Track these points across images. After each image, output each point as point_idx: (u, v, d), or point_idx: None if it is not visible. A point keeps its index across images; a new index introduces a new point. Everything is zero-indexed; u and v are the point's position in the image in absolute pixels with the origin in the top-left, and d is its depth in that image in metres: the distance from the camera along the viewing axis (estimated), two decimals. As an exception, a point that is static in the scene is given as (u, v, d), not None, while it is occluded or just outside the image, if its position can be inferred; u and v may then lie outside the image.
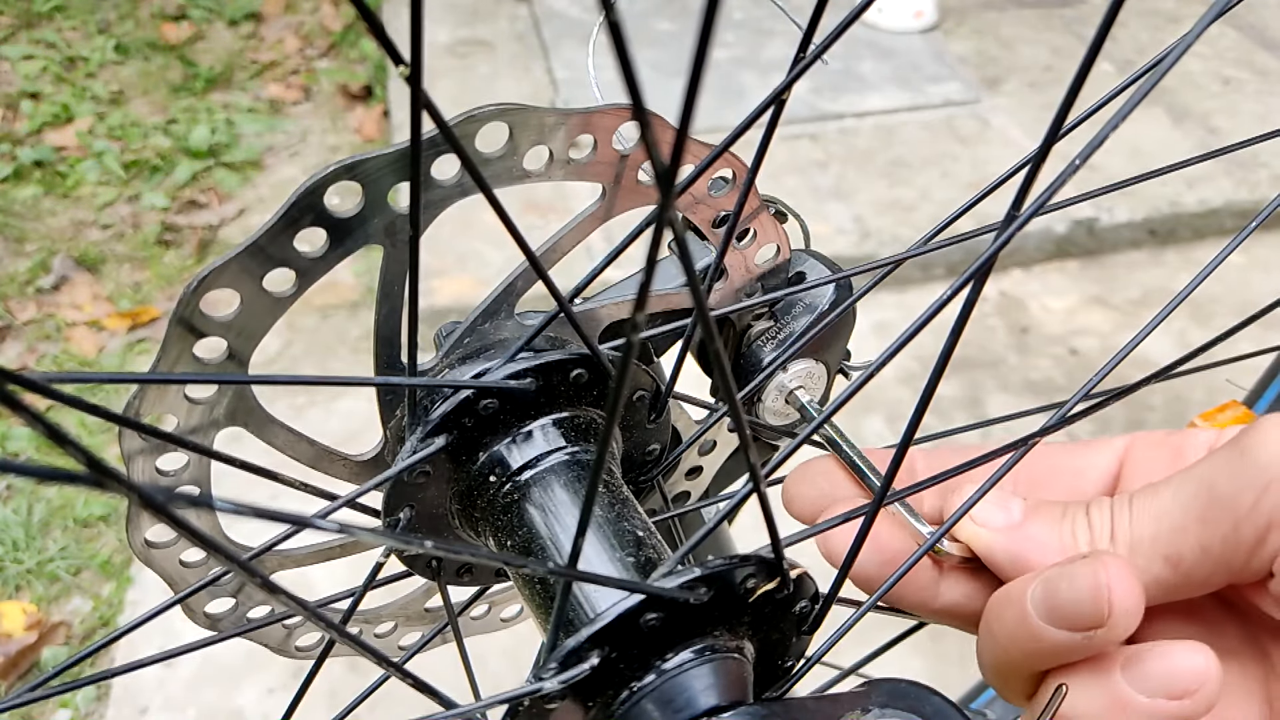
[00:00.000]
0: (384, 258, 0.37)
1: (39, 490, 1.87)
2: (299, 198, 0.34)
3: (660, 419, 0.43)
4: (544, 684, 0.29)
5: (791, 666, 0.36)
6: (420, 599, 0.51)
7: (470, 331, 0.41)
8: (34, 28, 3.08)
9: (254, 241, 0.34)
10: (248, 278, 0.35)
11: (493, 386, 0.37)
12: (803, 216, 0.49)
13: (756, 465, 0.27)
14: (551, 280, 0.34)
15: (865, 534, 0.33)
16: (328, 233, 0.35)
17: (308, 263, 0.35)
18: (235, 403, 0.38)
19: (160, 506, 0.17)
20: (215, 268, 0.34)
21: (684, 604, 0.30)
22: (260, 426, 0.39)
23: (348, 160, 0.34)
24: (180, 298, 0.34)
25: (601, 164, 0.39)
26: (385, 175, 0.35)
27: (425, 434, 0.37)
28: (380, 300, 0.38)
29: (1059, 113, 0.24)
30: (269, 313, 0.36)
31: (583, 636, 0.29)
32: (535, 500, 0.38)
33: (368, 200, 0.35)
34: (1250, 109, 2.75)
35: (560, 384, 0.38)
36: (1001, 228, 0.27)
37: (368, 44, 3.07)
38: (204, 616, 0.43)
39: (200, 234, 2.47)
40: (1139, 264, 2.38)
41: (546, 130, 0.37)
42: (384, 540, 0.20)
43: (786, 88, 0.32)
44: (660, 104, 0.39)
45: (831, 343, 0.48)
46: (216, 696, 1.55)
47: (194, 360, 0.35)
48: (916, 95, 2.80)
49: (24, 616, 1.68)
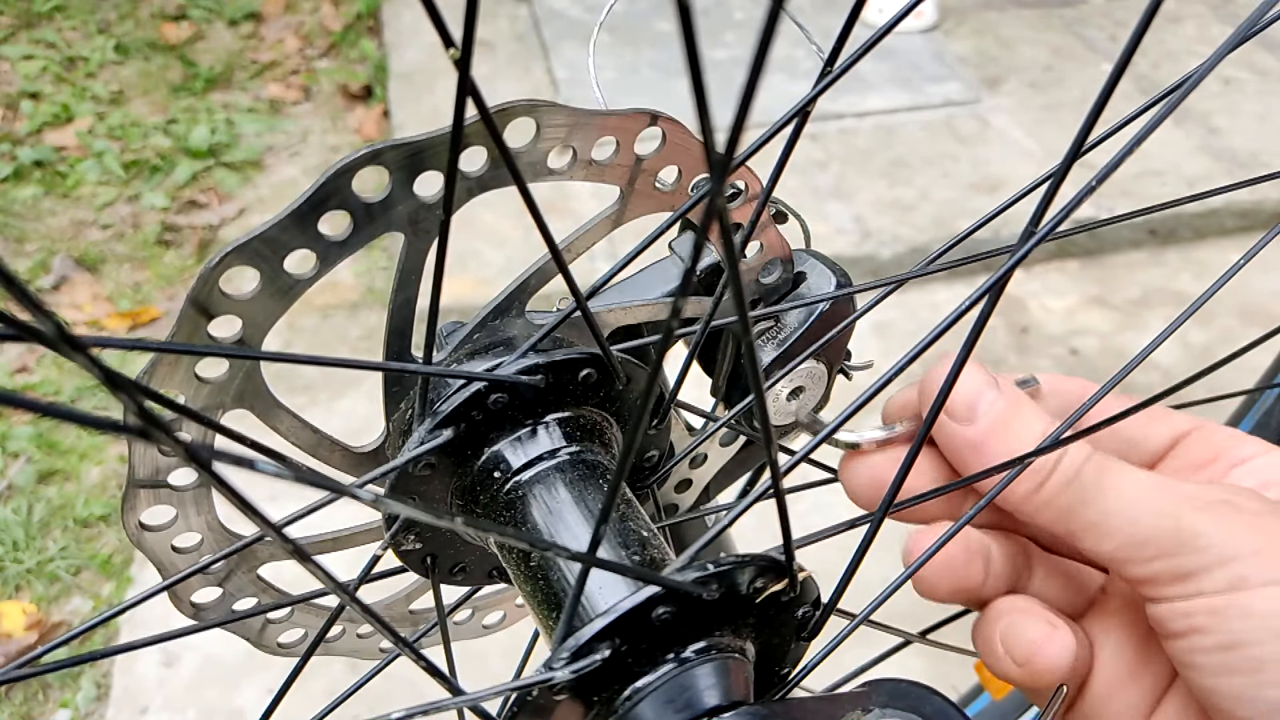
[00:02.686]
0: (404, 247, 0.37)
1: (39, 490, 1.87)
2: (327, 180, 0.34)
3: (662, 425, 0.43)
4: (555, 674, 0.29)
5: (788, 674, 0.36)
6: (404, 601, 0.51)
7: (480, 327, 0.41)
8: (34, 28, 3.08)
9: (279, 220, 0.34)
10: (270, 256, 0.34)
11: (506, 380, 0.37)
12: (803, 216, 0.49)
13: (776, 462, 0.27)
14: (572, 276, 0.34)
15: (869, 542, 0.33)
16: (352, 217, 0.35)
17: (330, 245, 0.35)
18: (244, 384, 0.37)
19: (205, 464, 0.17)
20: (241, 243, 0.34)
21: (695, 599, 0.30)
22: (266, 410, 0.39)
23: (379, 144, 0.34)
24: (200, 274, 0.34)
25: (621, 167, 0.39)
26: (415, 162, 0.35)
27: (435, 425, 0.37)
28: (396, 290, 0.38)
29: (1081, 131, 0.24)
30: (285, 296, 0.36)
31: (597, 627, 0.29)
32: (538, 498, 0.38)
33: (395, 186, 0.35)
34: (1250, 109, 2.75)
35: (569, 383, 0.38)
36: (1018, 244, 0.27)
37: (368, 44, 3.07)
38: (190, 605, 0.42)
39: (200, 234, 2.47)
40: (1139, 264, 2.38)
41: (573, 129, 0.37)
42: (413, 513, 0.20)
43: (811, 101, 0.32)
44: (660, 104, 0.39)
45: (832, 343, 0.48)
46: (216, 696, 1.55)
47: (208, 338, 0.35)
48: (916, 95, 2.80)
49: (24, 616, 1.68)
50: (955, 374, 0.30)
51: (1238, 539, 0.34)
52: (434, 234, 0.37)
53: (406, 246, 0.37)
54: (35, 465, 1.91)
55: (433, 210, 0.36)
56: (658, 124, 0.39)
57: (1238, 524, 0.35)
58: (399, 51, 2.93)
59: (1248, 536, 0.34)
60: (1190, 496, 0.35)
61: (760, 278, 0.46)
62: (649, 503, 0.47)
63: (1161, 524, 0.35)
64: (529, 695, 0.29)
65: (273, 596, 0.45)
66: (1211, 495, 0.36)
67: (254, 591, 0.44)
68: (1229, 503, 0.35)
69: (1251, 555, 0.34)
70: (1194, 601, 0.34)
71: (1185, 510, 0.35)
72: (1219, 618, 0.34)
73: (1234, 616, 0.34)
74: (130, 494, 0.37)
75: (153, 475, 0.38)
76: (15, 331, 0.15)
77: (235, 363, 0.37)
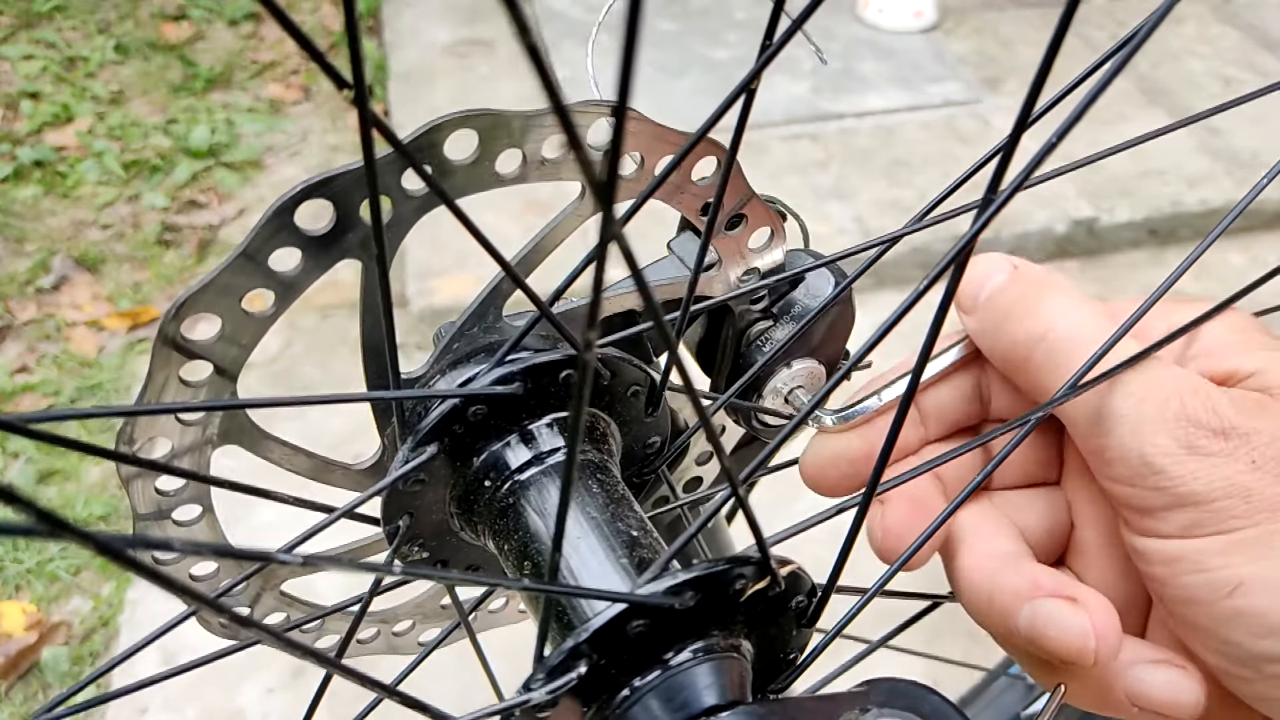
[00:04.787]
0: (363, 272, 0.37)
1: (39, 490, 1.87)
2: (269, 219, 0.34)
3: (658, 412, 0.43)
4: (532, 695, 0.29)
5: (795, 659, 0.35)
6: (435, 597, 0.51)
7: (459, 336, 0.40)
8: (34, 28, 3.08)
9: (229, 264, 0.34)
10: (226, 300, 0.35)
11: (479, 394, 0.37)
12: (803, 216, 0.49)
13: (733, 469, 0.27)
14: (528, 285, 0.34)
15: (860, 522, 0.33)
16: (302, 251, 0.35)
17: (285, 282, 0.36)
18: (228, 423, 0.38)
19: (119, 553, 0.17)
20: (193, 293, 0.34)
21: (670, 610, 0.30)
22: (255, 444, 0.39)
23: (315, 178, 0.34)
24: (160, 323, 0.34)
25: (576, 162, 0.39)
26: (353, 191, 0.35)
27: (415, 443, 0.37)
28: (364, 313, 0.38)
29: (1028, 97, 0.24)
30: (252, 331, 0.36)
31: (565, 649, 0.29)
32: (532, 502, 0.38)
33: (339, 216, 0.35)
34: (1250, 109, 2.74)
35: (550, 385, 0.38)
36: (980, 209, 0.27)
37: (367, 44, 3.07)
38: (218, 625, 0.43)
39: (200, 234, 2.47)
40: (1139, 264, 2.38)
41: (516, 133, 0.37)
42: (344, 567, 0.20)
43: (755, 76, 0.32)
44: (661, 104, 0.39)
45: (830, 341, 0.48)
46: (216, 696, 1.55)
47: (180, 383, 0.35)
48: (916, 95, 2.80)
49: (24, 616, 1.68)
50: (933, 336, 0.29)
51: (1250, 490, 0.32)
52: (390, 253, 0.37)
53: (365, 271, 0.37)
54: (35, 465, 1.91)
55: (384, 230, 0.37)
56: (604, 113, 0.38)
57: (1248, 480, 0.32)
58: (399, 51, 2.93)
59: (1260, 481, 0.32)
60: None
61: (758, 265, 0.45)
62: (661, 485, 0.47)
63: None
64: (512, 717, 0.29)
65: (301, 610, 0.45)
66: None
67: (282, 606, 0.45)
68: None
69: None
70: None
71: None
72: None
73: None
74: (139, 529, 0.38)
75: (155, 512, 0.38)
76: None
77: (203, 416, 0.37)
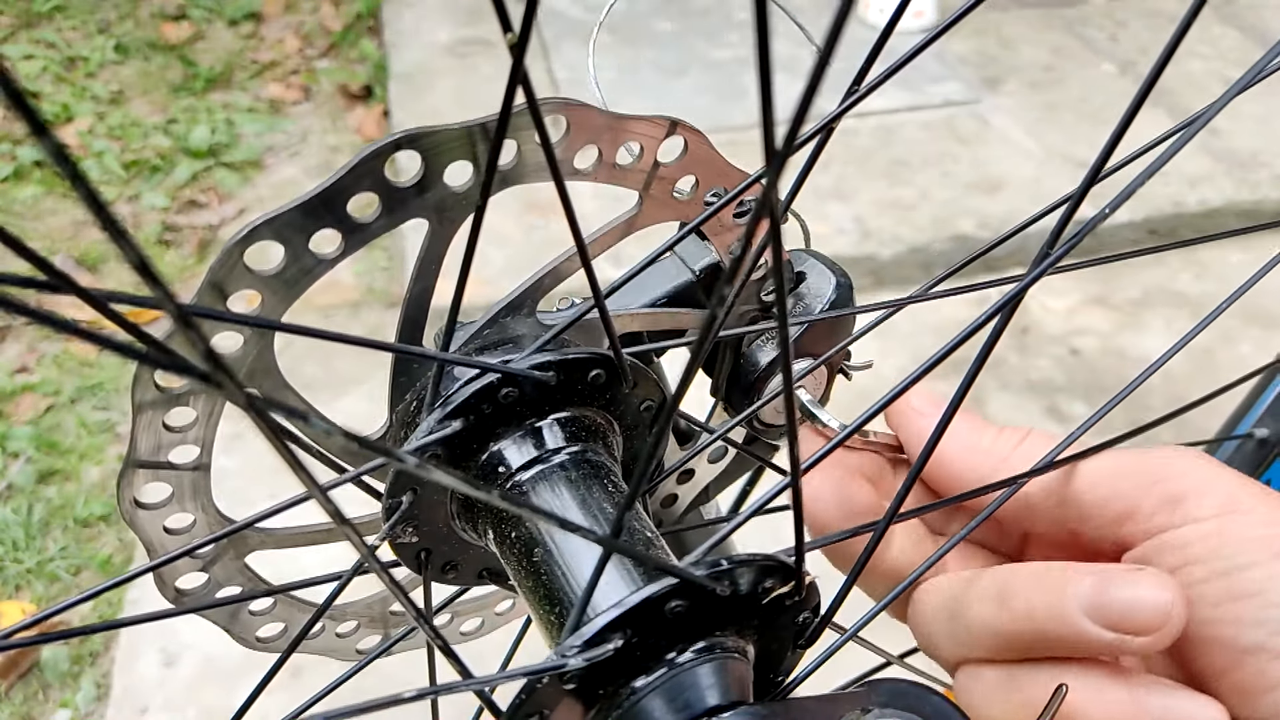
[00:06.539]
0: (427, 235, 0.37)
1: (39, 490, 1.87)
2: (360, 161, 0.34)
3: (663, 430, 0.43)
4: (568, 661, 0.29)
5: (782, 681, 0.36)
6: (385, 601, 0.51)
7: (490, 323, 0.41)
8: (34, 28, 3.08)
9: (309, 199, 0.34)
10: (296, 233, 0.34)
11: (520, 373, 0.37)
12: (803, 216, 0.49)
13: (798, 458, 0.27)
14: (594, 273, 0.35)
15: (873, 550, 0.33)
16: (381, 200, 0.35)
17: (356, 227, 0.35)
18: (256, 362, 0.37)
19: (259, 409, 0.17)
20: (269, 217, 0.34)
21: (708, 595, 0.30)
22: (273, 390, 0.39)
23: (414, 130, 0.34)
24: (224, 249, 0.34)
25: (640, 172, 0.39)
26: (449, 150, 0.35)
27: (445, 415, 0.37)
28: (414, 279, 0.38)
29: (1102, 155, 0.24)
30: (304, 276, 0.36)
31: (612, 615, 0.29)
32: (540, 498, 0.38)
33: (427, 172, 0.35)
34: (1251, 109, 2.75)
35: (578, 383, 0.39)
36: (1033, 265, 0.27)
37: (368, 44, 3.07)
38: (173, 590, 0.42)
39: (200, 234, 2.47)
40: (1140, 264, 2.37)
41: (599, 131, 0.37)
42: (455, 483, 0.20)
43: (837, 117, 0.32)
44: (660, 104, 0.39)
45: (831, 341, 0.48)
46: (216, 696, 1.55)
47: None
48: (917, 95, 2.80)
49: (24, 616, 1.68)
50: (951, 412, 0.31)
51: (1215, 468, 0.35)
52: (458, 223, 0.37)
53: (430, 235, 0.37)
54: (35, 465, 1.91)
55: (460, 199, 0.37)
56: (678, 132, 0.39)
57: (1209, 462, 0.35)
58: (399, 51, 2.93)
59: (1222, 469, 0.35)
60: (1153, 449, 0.37)
61: (762, 294, 0.46)
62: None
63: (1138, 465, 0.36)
64: (539, 683, 0.29)
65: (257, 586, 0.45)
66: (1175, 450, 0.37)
67: (240, 581, 0.44)
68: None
69: (1237, 481, 0.34)
70: (1185, 529, 0.34)
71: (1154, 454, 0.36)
72: (1216, 541, 0.33)
73: (1230, 540, 0.33)
74: (128, 472, 0.37)
75: (154, 451, 0.38)
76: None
77: (249, 338, 0.37)
